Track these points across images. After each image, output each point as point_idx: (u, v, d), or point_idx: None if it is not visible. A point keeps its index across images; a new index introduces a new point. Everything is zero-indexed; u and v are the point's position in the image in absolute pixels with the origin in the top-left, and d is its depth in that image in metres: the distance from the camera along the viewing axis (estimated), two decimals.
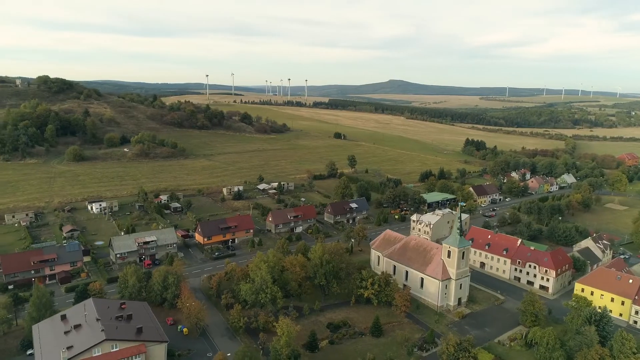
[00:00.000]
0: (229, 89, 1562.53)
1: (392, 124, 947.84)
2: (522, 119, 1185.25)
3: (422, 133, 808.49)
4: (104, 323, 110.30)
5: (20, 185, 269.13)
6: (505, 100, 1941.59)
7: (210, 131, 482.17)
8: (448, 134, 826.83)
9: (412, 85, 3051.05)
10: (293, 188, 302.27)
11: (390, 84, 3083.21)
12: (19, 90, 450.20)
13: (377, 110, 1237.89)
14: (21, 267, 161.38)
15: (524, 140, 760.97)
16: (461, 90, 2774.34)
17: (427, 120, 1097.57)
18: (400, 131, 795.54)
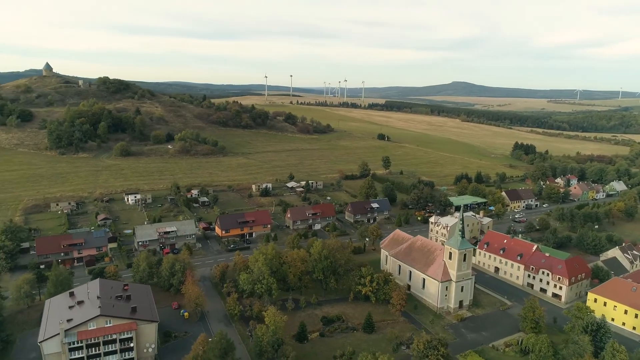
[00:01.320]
0: (289, 90, 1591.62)
1: (446, 126, 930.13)
2: (588, 123, 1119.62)
3: (475, 136, 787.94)
4: (103, 301, 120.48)
5: (69, 177, 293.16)
6: (575, 104, 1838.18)
7: (253, 130, 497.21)
8: (502, 137, 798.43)
9: (476, 87, 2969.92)
10: (322, 187, 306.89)
11: (453, 85, 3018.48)
12: (81, 90, 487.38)
13: (432, 112, 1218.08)
14: (52, 249, 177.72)
15: (585, 145, 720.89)
16: (528, 92, 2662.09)
17: (484, 123, 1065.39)
18: (451, 134, 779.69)
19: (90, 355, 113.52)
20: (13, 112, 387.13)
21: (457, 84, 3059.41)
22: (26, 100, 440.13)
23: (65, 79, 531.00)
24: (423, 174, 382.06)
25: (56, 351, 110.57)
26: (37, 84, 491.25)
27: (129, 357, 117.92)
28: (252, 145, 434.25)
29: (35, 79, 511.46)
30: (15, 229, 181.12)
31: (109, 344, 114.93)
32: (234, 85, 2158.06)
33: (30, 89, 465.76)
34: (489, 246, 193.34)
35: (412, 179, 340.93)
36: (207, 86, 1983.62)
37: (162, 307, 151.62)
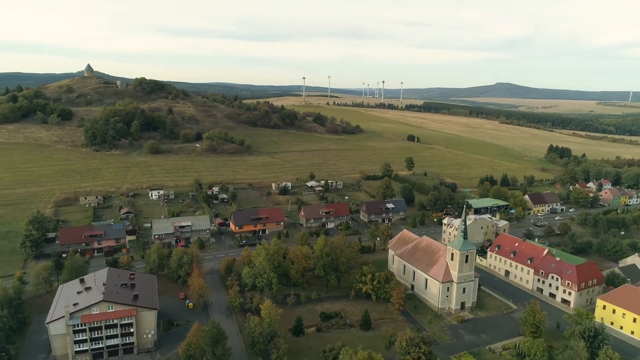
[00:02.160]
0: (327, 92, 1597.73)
1: (482, 128, 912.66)
2: (637, 126, 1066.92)
3: (511, 138, 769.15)
4: (107, 288, 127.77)
5: (100, 172, 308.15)
6: (627, 106, 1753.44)
7: (281, 130, 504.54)
8: (540, 140, 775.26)
9: (520, 88, 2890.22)
10: (341, 187, 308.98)
11: (497, 87, 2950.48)
12: (118, 90, 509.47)
13: (471, 114, 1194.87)
14: (74, 239, 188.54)
15: (629, 149, 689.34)
16: (577, 94, 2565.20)
17: (524, 125, 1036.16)
18: (486, 136, 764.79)
19: (93, 337, 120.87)
20: (54, 111, 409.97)
21: (501, 85, 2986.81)
22: (67, 99, 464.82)
23: (104, 80, 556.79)
24: (448, 175, 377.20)
25: (62, 332, 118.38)
26: (78, 84, 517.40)
27: (129, 342, 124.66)
28: (279, 145, 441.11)
29: (77, 80, 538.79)
30: (41, 220, 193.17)
31: (110, 328, 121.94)
32: (274, 87, 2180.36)
33: (71, 89, 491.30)
34: (500, 249, 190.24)
35: (434, 181, 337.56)
36: (248, 87, 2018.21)
37: (170, 297, 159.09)
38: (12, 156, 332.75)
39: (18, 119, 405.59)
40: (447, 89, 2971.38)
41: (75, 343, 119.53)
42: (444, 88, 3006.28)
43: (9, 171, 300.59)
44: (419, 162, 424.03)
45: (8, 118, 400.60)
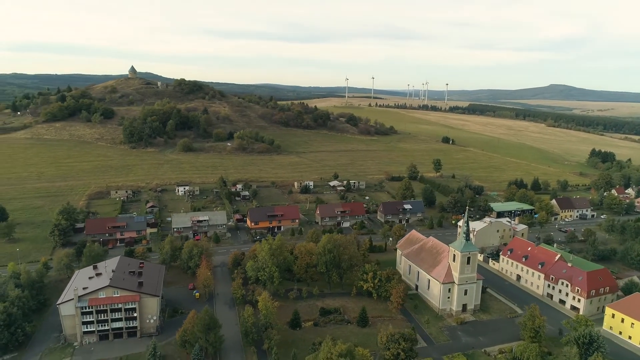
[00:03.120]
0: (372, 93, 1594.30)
1: (526, 131, 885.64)
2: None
3: (556, 142, 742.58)
4: (115, 274, 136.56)
5: (134, 169, 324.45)
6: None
7: (313, 131, 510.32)
8: (588, 144, 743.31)
9: (575, 90, 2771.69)
10: (364, 187, 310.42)
11: (551, 88, 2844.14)
12: (158, 91, 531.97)
13: (517, 116, 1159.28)
14: (99, 230, 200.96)
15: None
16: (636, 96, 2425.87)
17: (572, 128, 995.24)
18: (529, 139, 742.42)
19: (99, 320, 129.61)
20: (97, 110, 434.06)
21: (555, 87, 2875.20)
22: (111, 99, 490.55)
23: (146, 81, 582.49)
24: (478, 178, 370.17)
25: (71, 313, 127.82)
26: (121, 85, 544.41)
27: (132, 325, 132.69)
28: (308, 145, 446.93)
29: (121, 81, 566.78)
30: (70, 211, 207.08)
31: (115, 311, 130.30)
32: (320, 88, 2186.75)
33: (115, 89, 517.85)
34: (512, 253, 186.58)
35: (461, 183, 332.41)
36: (295, 88, 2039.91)
37: (179, 287, 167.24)
38: (57, 152, 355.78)
39: (65, 117, 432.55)
40: (496, 90, 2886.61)
41: (83, 324, 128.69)
42: (493, 90, 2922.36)
43: (52, 166, 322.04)
44: (450, 164, 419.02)
45: (56, 116, 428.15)
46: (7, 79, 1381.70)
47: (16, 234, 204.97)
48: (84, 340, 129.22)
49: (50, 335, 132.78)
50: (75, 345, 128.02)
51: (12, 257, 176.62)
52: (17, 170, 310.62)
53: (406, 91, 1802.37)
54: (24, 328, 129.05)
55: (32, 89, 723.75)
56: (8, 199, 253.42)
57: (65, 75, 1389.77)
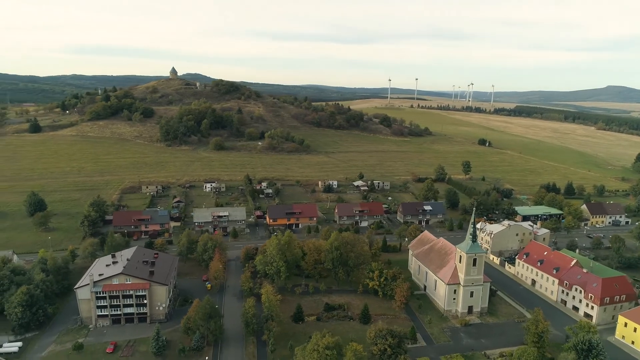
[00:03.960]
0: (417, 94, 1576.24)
1: (573, 134, 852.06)
2: None
3: (603, 145, 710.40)
4: (129, 263, 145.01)
5: (167, 165, 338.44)
6: None
7: (345, 131, 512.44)
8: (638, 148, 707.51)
9: (635, 92, 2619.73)
10: (388, 187, 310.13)
11: (608, 90, 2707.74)
12: (197, 91, 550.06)
13: (566, 118, 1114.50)
14: (125, 222, 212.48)
15: None
16: None
17: (624, 132, 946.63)
18: (574, 142, 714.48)
19: (112, 304, 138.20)
20: (138, 109, 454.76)
21: (613, 89, 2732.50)
22: (151, 99, 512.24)
23: (186, 81, 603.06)
24: (510, 181, 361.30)
25: (86, 297, 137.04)
26: (162, 85, 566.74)
27: (142, 311, 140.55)
28: (339, 145, 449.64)
29: (162, 82, 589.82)
30: (100, 203, 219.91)
31: (127, 297, 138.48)
32: (365, 89, 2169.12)
33: (156, 89, 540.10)
34: (527, 257, 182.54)
35: (489, 186, 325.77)
36: (339, 89, 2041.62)
37: (194, 278, 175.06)
38: (97, 148, 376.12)
39: (108, 116, 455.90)
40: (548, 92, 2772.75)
41: (98, 308, 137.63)
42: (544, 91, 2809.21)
43: (92, 161, 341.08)
44: (483, 166, 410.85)
45: (100, 115, 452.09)
46: (67, 80, 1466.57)
47: (51, 223, 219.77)
48: (98, 323, 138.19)
49: (69, 318, 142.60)
50: (90, 328, 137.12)
51: (45, 245, 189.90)
52: (61, 165, 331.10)
53: (451, 92, 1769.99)
54: (46, 309, 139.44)
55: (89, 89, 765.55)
56: (50, 191, 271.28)
57: (120, 76, 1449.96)
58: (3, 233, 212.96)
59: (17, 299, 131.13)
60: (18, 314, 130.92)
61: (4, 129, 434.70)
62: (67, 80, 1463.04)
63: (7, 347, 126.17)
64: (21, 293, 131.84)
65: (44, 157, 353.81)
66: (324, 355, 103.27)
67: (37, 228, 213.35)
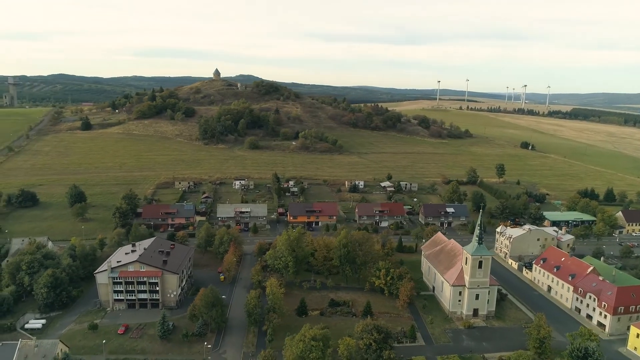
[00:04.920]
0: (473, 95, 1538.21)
1: (630, 138, 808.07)
2: None
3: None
4: (146, 252, 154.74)
5: (203, 163, 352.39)
6: None
7: (381, 132, 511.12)
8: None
9: None
10: (416, 189, 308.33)
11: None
12: (237, 92, 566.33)
13: (626, 122, 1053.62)
14: (153, 215, 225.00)
15: None
16: None
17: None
18: (630, 147, 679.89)
19: (127, 290, 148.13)
20: (180, 109, 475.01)
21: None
22: (194, 99, 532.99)
23: (228, 82, 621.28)
24: (548, 186, 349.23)
25: (105, 282, 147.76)
26: (205, 86, 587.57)
27: (155, 298, 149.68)
28: (373, 146, 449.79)
29: (206, 83, 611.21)
30: (132, 197, 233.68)
31: (141, 284, 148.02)
32: (416, 90, 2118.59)
33: (199, 90, 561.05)
34: (544, 263, 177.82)
35: (519, 190, 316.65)
36: (389, 91, 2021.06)
37: (210, 269, 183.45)
38: (140, 146, 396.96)
39: (153, 115, 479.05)
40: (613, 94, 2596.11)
41: (115, 292, 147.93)
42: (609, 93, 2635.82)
43: (133, 158, 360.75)
44: (521, 170, 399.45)
45: (145, 114, 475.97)
46: (128, 81, 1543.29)
47: (88, 214, 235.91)
48: (114, 306, 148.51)
49: (91, 300, 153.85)
50: (107, 310, 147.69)
51: (78, 233, 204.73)
52: (105, 161, 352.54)
53: (504, 94, 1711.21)
54: (70, 292, 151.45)
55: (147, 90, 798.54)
56: (92, 184, 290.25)
57: (176, 77, 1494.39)
58: (45, 221, 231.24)
59: (43, 280, 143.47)
60: (43, 294, 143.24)
61: (59, 127, 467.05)
62: (128, 81, 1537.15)
63: (32, 323, 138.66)
64: (47, 275, 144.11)
65: (92, 153, 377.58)
66: (309, 346, 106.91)
67: (75, 218, 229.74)
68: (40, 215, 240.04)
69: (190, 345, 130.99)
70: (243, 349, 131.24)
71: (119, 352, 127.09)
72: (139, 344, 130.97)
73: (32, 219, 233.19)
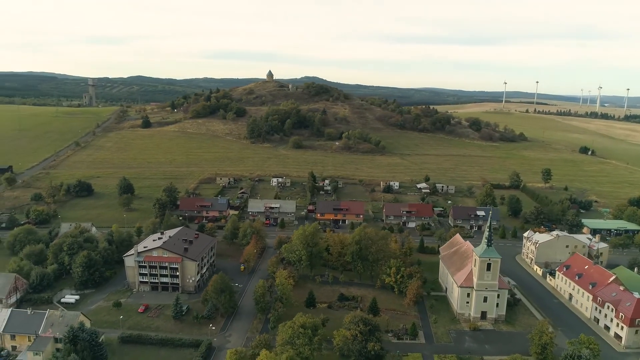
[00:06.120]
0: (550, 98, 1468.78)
1: None
2: None
3: None
4: (170, 240, 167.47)
5: (246, 160, 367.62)
6: None
7: (429, 134, 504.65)
8: None
9: None
10: (453, 191, 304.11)
11: None
12: (288, 93, 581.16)
13: None
14: (189, 207, 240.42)
15: None
16: None
17: None
18: None
19: (151, 273, 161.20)
20: (232, 109, 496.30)
21: None
22: (246, 100, 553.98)
23: (280, 84, 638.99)
24: (599, 193, 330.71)
25: (132, 265, 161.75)
26: (258, 87, 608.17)
27: (175, 282, 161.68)
28: (418, 148, 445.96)
29: (259, 84, 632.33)
30: (172, 190, 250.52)
31: (163, 269, 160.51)
32: (485, 92, 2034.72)
33: (252, 91, 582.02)
34: (567, 270, 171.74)
35: (580, 196, 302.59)
36: (456, 93, 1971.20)
37: (233, 260, 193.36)
38: (191, 143, 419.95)
39: (207, 114, 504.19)
40: None
41: (140, 275, 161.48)
42: None
43: (183, 154, 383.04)
44: (574, 175, 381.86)
45: (200, 114, 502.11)
46: (199, 82, 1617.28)
47: (134, 204, 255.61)
48: (139, 288, 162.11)
49: (121, 282, 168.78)
50: (133, 291, 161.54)
51: (120, 221, 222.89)
52: (158, 157, 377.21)
53: (579, 97, 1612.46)
54: (103, 272, 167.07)
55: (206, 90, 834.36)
56: (142, 178, 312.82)
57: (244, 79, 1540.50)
58: (96, 210, 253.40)
59: (79, 260, 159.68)
60: (79, 273, 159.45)
61: (123, 124, 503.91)
62: (199, 82, 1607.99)
63: (67, 298, 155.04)
64: (82, 256, 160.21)
65: (148, 149, 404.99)
66: (298, 332, 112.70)
67: (122, 208, 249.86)
68: (93, 204, 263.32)
69: (200, 327, 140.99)
70: (247, 334, 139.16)
71: (136, 328, 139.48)
72: (155, 323, 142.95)
73: (85, 207, 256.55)
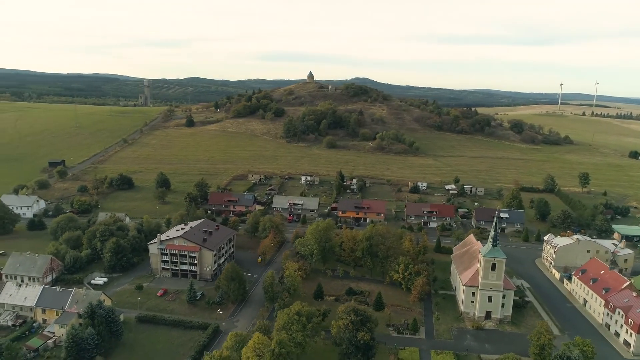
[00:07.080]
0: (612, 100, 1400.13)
1: None
2: None
3: None
4: (191, 230, 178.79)
5: (280, 159, 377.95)
6: None
7: (467, 136, 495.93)
8: None
9: None
10: (482, 193, 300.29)
11: None
12: (327, 94, 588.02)
13: None
14: (218, 202, 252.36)
15: None
16: None
17: None
18: None
19: (172, 261, 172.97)
20: (271, 109, 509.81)
21: None
22: (286, 100, 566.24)
23: (320, 85, 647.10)
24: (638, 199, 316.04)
25: (155, 252, 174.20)
26: (299, 88, 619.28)
27: (194, 270, 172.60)
28: (454, 149, 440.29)
29: (299, 85, 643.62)
30: (203, 185, 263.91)
31: (182, 257, 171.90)
32: (541, 94, 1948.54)
33: (292, 92, 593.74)
34: (583, 274, 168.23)
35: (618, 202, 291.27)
36: (511, 94, 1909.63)
37: (252, 252, 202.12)
38: (230, 142, 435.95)
39: (246, 114, 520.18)
40: None
41: (162, 262, 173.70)
42: None
43: (220, 152, 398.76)
44: (618, 181, 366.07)
45: (240, 113, 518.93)
46: (251, 83, 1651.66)
47: (168, 198, 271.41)
48: (162, 274, 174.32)
49: (147, 268, 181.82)
50: (156, 276, 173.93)
51: (153, 213, 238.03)
52: (197, 154, 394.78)
53: None
54: (130, 259, 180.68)
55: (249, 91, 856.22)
56: (180, 173, 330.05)
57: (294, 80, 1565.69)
58: (135, 202, 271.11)
59: (109, 246, 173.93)
60: (108, 257, 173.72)
61: (168, 123, 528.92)
62: (252, 84, 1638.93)
63: (96, 280, 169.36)
64: (111, 242, 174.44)
65: (189, 147, 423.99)
66: (292, 319, 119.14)
67: (157, 200, 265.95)
68: (131, 196, 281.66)
69: (211, 312, 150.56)
70: (254, 320, 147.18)
71: (153, 310, 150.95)
72: (170, 306, 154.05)
73: (124, 199, 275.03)
